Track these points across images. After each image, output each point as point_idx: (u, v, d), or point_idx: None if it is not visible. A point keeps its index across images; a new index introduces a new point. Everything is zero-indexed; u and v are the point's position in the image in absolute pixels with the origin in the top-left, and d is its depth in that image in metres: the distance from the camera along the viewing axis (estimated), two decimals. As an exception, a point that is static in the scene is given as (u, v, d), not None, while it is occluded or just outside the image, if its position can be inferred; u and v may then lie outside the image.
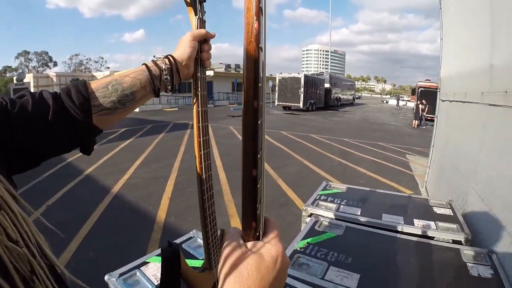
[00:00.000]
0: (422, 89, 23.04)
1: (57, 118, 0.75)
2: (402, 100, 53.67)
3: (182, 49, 0.92)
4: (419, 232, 2.34)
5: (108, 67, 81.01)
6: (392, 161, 9.24)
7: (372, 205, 2.82)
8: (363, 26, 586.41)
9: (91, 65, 76.56)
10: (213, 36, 0.96)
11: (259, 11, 0.42)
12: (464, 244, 2.20)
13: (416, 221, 2.47)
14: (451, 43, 4.78)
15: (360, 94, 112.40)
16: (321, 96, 32.72)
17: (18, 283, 0.42)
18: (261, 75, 0.46)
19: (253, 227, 0.51)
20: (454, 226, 2.39)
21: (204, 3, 0.96)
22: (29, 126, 0.71)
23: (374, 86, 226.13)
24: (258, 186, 0.49)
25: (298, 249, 2.05)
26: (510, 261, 1.93)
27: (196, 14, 0.94)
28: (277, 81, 30.13)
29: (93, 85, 0.82)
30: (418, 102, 20.71)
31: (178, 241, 2.08)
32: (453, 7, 4.57)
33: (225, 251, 0.51)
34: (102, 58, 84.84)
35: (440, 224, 2.43)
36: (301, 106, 28.19)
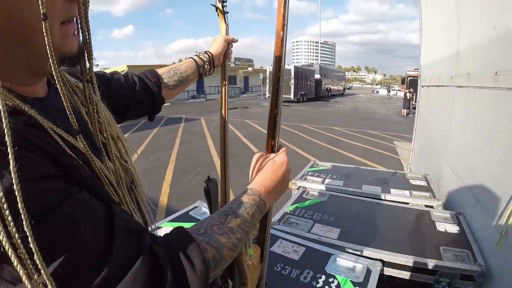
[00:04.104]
0: (411, 78, 23.12)
1: (141, 89, 1.13)
2: (393, 90, 53.45)
3: (216, 47, 1.32)
4: (395, 199, 2.67)
5: (97, 65, 79.99)
6: (380, 147, 9.55)
7: (354, 178, 3.15)
8: (353, 16, 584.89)
9: (80, 63, 76.54)
10: (236, 41, 1.37)
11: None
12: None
13: (392, 190, 2.79)
14: (429, 32, 5.05)
15: (350, 85, 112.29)
16: (312, 87, 32.77)
17: (124, 189, 0.70)
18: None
19: (271, 144, 0.92)
20: (427, 194, 2.72)
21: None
22: (122, 92, 1.07)
23: (364, 77, 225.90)
24: (277, 119, 0.90)
25: (288, 211, 2.39)
26: (476, 219, 2.22)
27: (225, 22, 1.30)
28: (267, 73, 29.89)
29: (160, 71, 1.22)
30: (407, 91, 20.83)
31: (185, 210, 2.40)
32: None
33: (255, 157, 0.90)
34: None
35: (415, 192, 2.76)
36: (292, 98, 28.21)
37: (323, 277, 1.58)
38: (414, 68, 24.77)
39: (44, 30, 0.47)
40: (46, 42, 0.48)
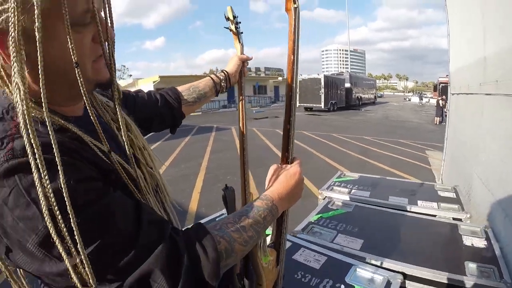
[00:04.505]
0: (443, 84, 22.43)
1: (163, 105, 1.25)
2: (425, 97, 52.21)
3: (231, 66, 1.43)
4: (422, 211, 2.61)
5: (131, 75, 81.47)
6: (411, 157, 9.36)
7: (381, 189, 3.12)
8: (382, 23, 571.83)
9: (114, 73, 78.87)
10: (251, 59, 1.47)
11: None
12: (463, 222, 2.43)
13: (420, 202, 2.74)
14: (456, 38, 4.97)
15: (382, 93, 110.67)
16: (342, 96, 32.52)
17: (150, 191, 0.83)
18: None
19: (285, 156, 1.04)
20: (456, 206, 2.64)
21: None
22: (146, 108, 1.20)
23: (396, 84, 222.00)
24: (290, 134, 1.01)
25: (313, 221, 2.41)
26: (505, 234, 2.16)
27: (239, 42, 1.40)
28: (297, 83, 30.10)
29: (180, 88, 1.35)
30: (439, 98, 20.25)
31: (212, 216, 2.47)
32: (455, 2, 4.81)
33: (271, 168, 1.02)
34: (125, 66, 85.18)
35: (442, 205, 2.68)
36: (323, 107, 28.17)
37: (342, 287, 1.60)
38: (446, 75, 23.89)
39: (77, 75, 0.62)
40: (79, 83, 0.63)
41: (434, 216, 2.55)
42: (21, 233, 0.56)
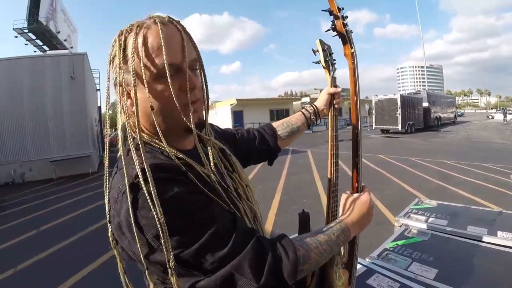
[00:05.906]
0: None
1: (260, 141, 1.44)
2: (509, 113, 47.61)
3: (320, 102, 1.51)
4: (501, 243, 2.52)
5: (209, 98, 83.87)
6: (494, 183, 8.82)
7: (459, 218, 3.07)
8: (458, 34, 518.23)
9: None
10: (340, 91, 1.45)
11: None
12: (547, 257, 2.32)
13: (499, 233, 2.64)
14: None
15: (462, 111, 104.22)
16: (420, 116, 30.99)
17: (251, 222, 1.02)
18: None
19: (355, 187, 1.25)
20: None
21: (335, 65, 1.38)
22: (246, 145, 1.40)
23: (477, 101, 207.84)
24: (358, 166, 1.23)
25: (388, 248, 2.49)
26: None
27: (330, 74, 1.36)
28: (373, 104, 29.44)
29: (275, 124, 1.54)
30: None
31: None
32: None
33: (343, 197, 1.21)
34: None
35: None
36: (400, 129, 27.13)
37: (414, 315, 1.70)
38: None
39: (153, 116, 0.87)
40: (156, 123, 0.87)
41: (516, 248, 2.48)
42: (142, 228, 0.75)
